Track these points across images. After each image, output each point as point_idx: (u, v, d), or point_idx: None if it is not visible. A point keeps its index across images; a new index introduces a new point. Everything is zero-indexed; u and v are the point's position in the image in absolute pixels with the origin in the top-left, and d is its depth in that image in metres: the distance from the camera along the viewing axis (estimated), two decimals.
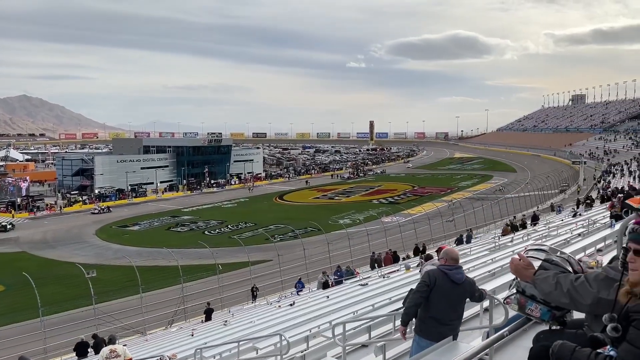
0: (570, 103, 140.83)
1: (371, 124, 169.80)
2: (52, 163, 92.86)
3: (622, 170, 52.74)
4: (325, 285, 20.86)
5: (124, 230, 46.72)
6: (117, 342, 15.83)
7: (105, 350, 5.17)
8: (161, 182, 71.34)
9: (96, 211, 55.37)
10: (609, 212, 14.26)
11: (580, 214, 22.51)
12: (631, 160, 57.77)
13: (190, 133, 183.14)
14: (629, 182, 38.92)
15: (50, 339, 20.89)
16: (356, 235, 33.64)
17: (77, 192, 65.17)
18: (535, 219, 28.75)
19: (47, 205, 57.28)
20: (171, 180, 74.35)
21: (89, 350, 17.05)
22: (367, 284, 16.73)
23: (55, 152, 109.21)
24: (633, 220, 1.96)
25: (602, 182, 48.45)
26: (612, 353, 1.79)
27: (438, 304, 4.56)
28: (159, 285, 27.27)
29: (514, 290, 2.61)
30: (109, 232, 46.05)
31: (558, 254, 2.53)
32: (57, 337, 20.76)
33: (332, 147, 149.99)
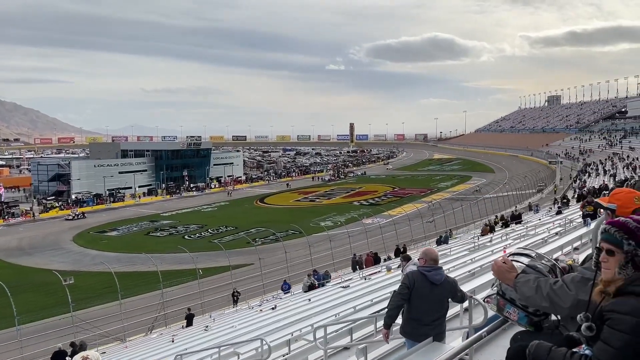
0: (546, 104, 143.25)
1: (351, 126, 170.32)
2: (27, 168, 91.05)
3: (597, 169, 53.79)
4: (311, 288, 20.82)
5: (102, 236, 46.01)
6: (87, 348, 15.60)
7: (76, 358, 5.05)
8: (139, 187, 70.49)
9: (70, 217, 54.25)
10: (581, 212, 14.50)
11: (562, 212, 22.95)
12: (605, 159, 58.95)
13: (169, 137, 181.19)
14: (603, 181, 39.71)
15: (27, 348, 20.47)
16: (337, 237, 33.70)
17: (53, 197, 64.02)
18: (518, 217, 29.14)
19: (22, 211, 56.13)
20: (150, 185, 73.51)
21: (67, 359, 16.73)
22: (348, 285, 16.76)
23: (30, 157, 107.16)
24: (605, 220, 1.99)
25: (578, 181, 49.38)
26: (587, 352, 1.81)
27: (418, 306, 4.60)
28: (139, 291, 26.92)
29: (495, 290, 2.64)
30: (87, 238, 45.32)
31: (544, 260, 2.56)
32: (34, 346, 20.36)
33: (312, 149, 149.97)
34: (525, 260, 2.56)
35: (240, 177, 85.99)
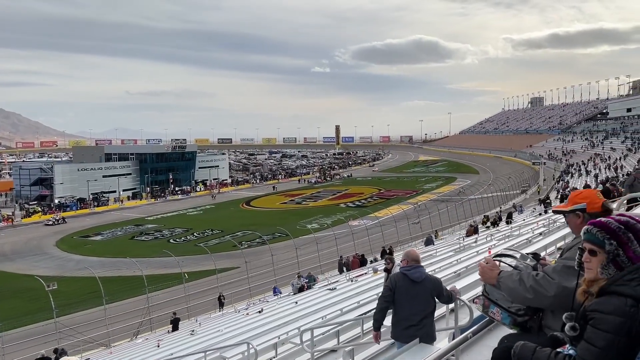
0: (529, 105, 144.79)
1: (337, 129, 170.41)
2: (8, 173, 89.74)
3: (579, 170, 54.51)
4: (301, 289, 20.80)
5: (86, 241, 45.49)
6: (68, 354, 15.44)
7: None
8: (124, 190, 69.86)
9: (50, 223, 53.36)
10: None
11: (547, 212, 23.23)
12: (588, 160, 59.77)
13: (154, 140, 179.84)
14: (586, 181, 40.26)
15: (10, 355, 20.18)
16: (324, 240, 33.70)
17: (35, 202, 63.15)
18: (509, 216, 29.49)
19: (4, 216, 55.23)
20: (134, 188, 72.86)
21: None
22: (335, 288, 16.77)
23: (12, 162, 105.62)
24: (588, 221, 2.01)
25: (560, 182, 50.00)
26: (571, 352, 1.83)
27: (403, 305, 4.68)
28: (123, 295, 26.68)
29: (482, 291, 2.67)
30: (70, 242, 44.76)
31: (528, 260, 2.59)
32: (17, 353, 20.08)
33: (298, 151, 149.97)
34: (509, 260, 2.59)
35: (226, 180, 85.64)
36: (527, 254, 2.73)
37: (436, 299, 4.87)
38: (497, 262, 2.58)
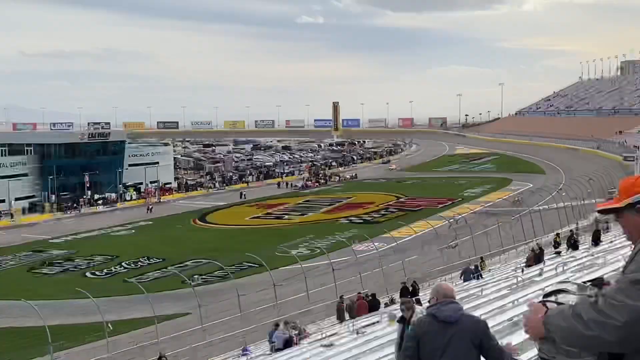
0: (619, 73, 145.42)
1: (335, 107, 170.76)
2: None
3: None
4: (287, 343, 20.75)
5: None
6: None
7: None
8: (17, 200, 69.57)
9: None
10: None
11: None
12: None
13: (62, 123, 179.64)
14: None
15: None
16: (316, 272, 33.74)
17: None
18: (596, 236, 29.45)
19: None
20: (32, 196, 72.58)
21: None
22: (332, 344, 16.78)
23: None
24: None
25: None
26: None
27: (431, 357, 4.66)
28: (16, 358, 26.52)
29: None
30: None
31: (588, 290, 2.60)
32: None
33: (278, 141, 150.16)
34: (565, 298, 2.60)
35: (170, 183, 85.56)
36: (586, 282, 2.74)
37: (481, 356, 4.87)
38: (552, 304, 2.59)
